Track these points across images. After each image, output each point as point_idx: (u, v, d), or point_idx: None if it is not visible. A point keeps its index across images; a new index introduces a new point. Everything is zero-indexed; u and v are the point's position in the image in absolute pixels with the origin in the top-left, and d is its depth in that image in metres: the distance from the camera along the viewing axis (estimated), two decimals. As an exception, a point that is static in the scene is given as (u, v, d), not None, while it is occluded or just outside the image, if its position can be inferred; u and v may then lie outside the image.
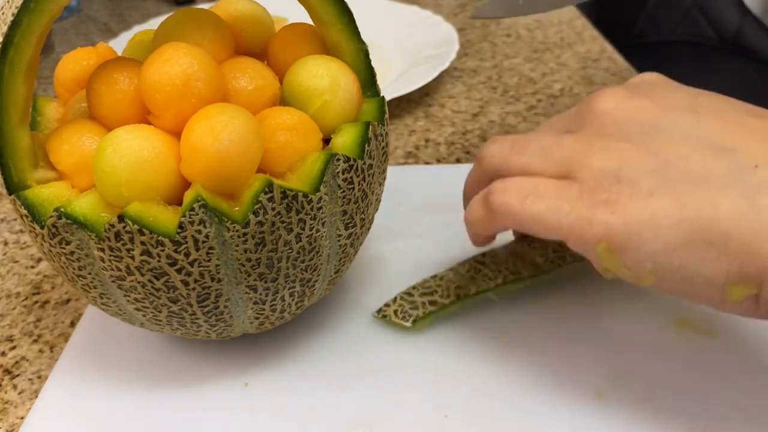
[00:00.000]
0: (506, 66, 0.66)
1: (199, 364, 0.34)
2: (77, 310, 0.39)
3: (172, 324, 0.29)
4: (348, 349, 0.34)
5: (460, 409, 0.31)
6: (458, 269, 0.36)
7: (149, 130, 0.26)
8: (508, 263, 0.35)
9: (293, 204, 0.27)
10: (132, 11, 0.89)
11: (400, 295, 0.35)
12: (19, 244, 0.45)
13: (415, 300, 0.34)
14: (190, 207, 0.25)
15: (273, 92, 0.30)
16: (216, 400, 0.32)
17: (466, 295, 0.34)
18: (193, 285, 0.27)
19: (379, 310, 0.35)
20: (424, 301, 0.34)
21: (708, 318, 0.34)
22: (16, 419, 0.33)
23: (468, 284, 0.35)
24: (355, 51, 0.31)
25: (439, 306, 0.34)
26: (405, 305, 0.34)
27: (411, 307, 0.34)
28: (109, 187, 0.26)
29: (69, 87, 0.32)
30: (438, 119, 0.58)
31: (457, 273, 0.36)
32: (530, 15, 0.41)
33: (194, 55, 0.26)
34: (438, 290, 0.35)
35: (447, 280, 0.35)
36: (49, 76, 0.69)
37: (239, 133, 0.25)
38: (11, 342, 0.37)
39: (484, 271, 0.35)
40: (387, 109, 0.32)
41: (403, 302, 0.35)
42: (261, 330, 0.32)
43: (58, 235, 0.26)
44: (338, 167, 0.28)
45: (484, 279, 0.35)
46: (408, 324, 0.34)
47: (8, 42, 0.25)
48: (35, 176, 0.28)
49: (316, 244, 0.29)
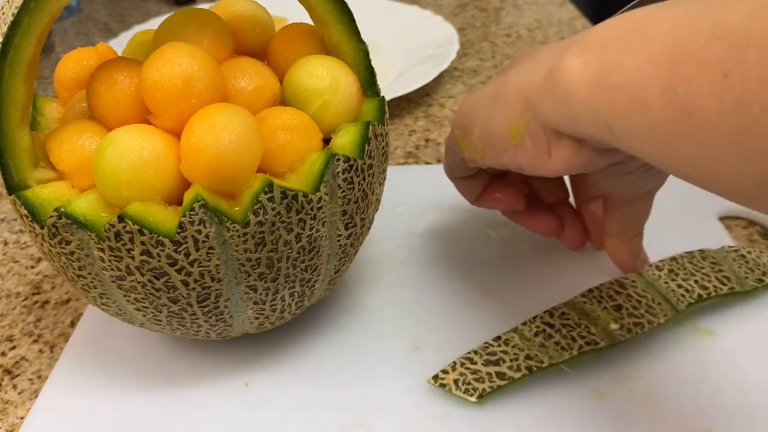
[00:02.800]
0: (506, 66, 0.66)
1: (199, 364, 0.34)
2: (77, 310, 0.39)
3: (172, 324, 0.29)
4: (348, 349, 0.34)
5: (460, 409, 0.31)
6: (524, 332, 0.33)
7: (149, 130, 0.26)
8: (581, 328, 0.32)
9: (293, 204, 0.27)
10: (132, 11, 0.89)
11: (461, 361, 0.31)
12: (19, 244, 0.45)
13: (479, 370, 0.31)
14: (190, 207, 0.25)
15: (273, 92, 0.30)
16: (216, 400, 0.32)
17: (538, 367, 0.31)
18: (193, 285, 0.27)
19: (435, 377, 0.31)
20: (490, 372, 0.31)
21: (708, 318, 0.34)
22: (16, 419, 0.33)
23: (539, 353, 0.31)
24: (355, 51, 0.31)
25: (507, 380, 0.30)
26: (467, 375, 0.31)
27: (475, 378, 0.31)
28: (109, 187, 0.26)
29: (69, 87, 0.32)
30: (438, 119, 0.58)
31: (523, 337, 0.32)
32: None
33: (194, 55, 0.26)
34: (505, 359, 0.31)
35: (513, 346, 0.32)
36: (49, 76, 0.69)
37: (239, 133, 0.25)
38: (11, 342, 0.37)
39: (555, 337, 0.32)
40: (387, 109, 0.32)
41: (465, 371, 0.31)
42: (261, 330, 0.32)
43: (58, 235, 0.26)
44: (338, 167, 0.28)
45: (556, 349, 0.31)
46: (473, 399, 0.30)
47: (8, 42, 0.25)
48: (35, 176, 0.27)
49: (316, 244, 0.29)
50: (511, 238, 0.41)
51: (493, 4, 0.83)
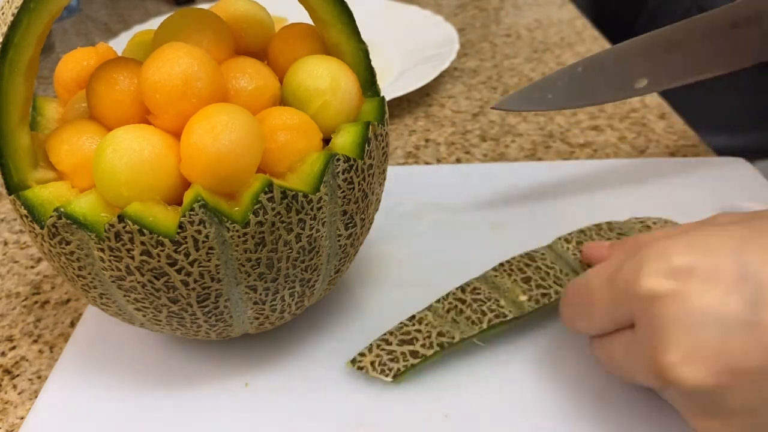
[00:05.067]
0: (506, 66, 0.66)
1: (199, 364, 0.34)
2: (77, 310, 0.39)
3: (172, 324, 0.29)
4: (348, 349, 0.34)
5: (461, 409, 0.31)
6: (437, 309, 0.33)
7: (149, 130, 0.26)
8: (491, 302, 0.33)
9: (293, 204, 0.27)
10: (132, 11, 0.89)
11: (376, 343, 0.32)
12: (19, 244, 0.45)
13: (394, 350, 0.32)
14: (190, 207, 0.25)
15: (273, 92, 0.30)
16: (216, 400, 0.32)
17: (449, 343, 0.32)
18: (193, 285, 0.27)
19: (353, 360, 0.32)
20: (404, 351, 0.32)
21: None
22: (16, 419, 0.33)
23: (451, 329, 0.32)
24: (355, 51, 0.31)
25: (420, 357, 0.31)
26: (383, 356, 0.32)
27: (390, 359, 0.32)
28: (109, 187, 0.26)
29: (69, 87, 0.32)
30: (438, 119, 0.58)
31: (436, 314, 0.33)
32: (558, 110, 0.42)
33: (194, 55, 0.26)
34: (418, 337, 0.32)
35: (426, 323, 0.33)
36: (49, 76, 0.69)
37: (239, 133, 0.25)
38: (11, 342, 0.37)
39: (466, 312, 0.33)
40: (387, 109, 0.32)
41: (381, 352, 0.32)
42: (261, 330, 0.32)
43: (58, 235, 0.26)
44: (338, 167, 0.28)
45: (467, 323, 0.32)
46: (388, 379, 0.31)
47: (8, 42, 0.25)
48: (35, 176, 0.27)
49: (316, 244, 0.29)
50: (511, 238, 0.41)
51: (493, 4, 0.83)
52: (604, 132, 0.54)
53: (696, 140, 0.52)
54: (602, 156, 0.51)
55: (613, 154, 0.51)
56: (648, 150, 0.51)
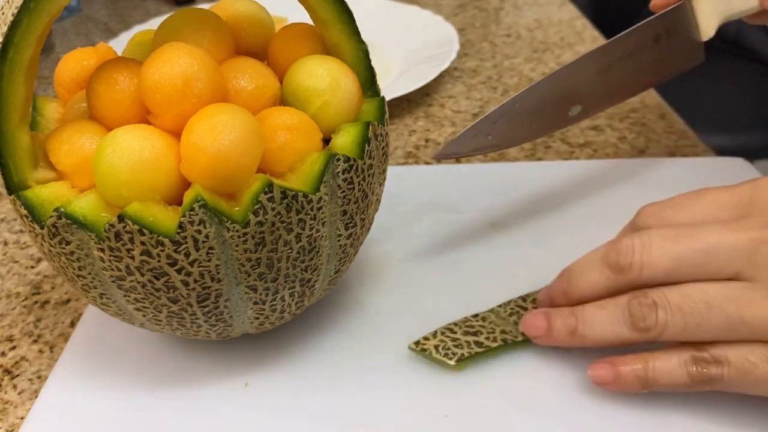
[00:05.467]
0: (506, 66, 0.66)
1: (199, 364, 0.34)
2: (77, 310, 0.39)
3: (172, 324, 0.29)
4: (348, 349, 0.34)
5: (461, 409, 0.31)
6: (499, 312, 0.34)
7: (149, 130, 0.26)
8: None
9: (293, 204, 0.27)
10: (132, 11, 0.89)
11: (441, 330, 0.33)
12: (19, 244, 0.45)
13: (459, 338, 0.33)
14: (190, 207, 0.25)
15: (273, 92, 0.30)
16: (216, 400, 0.32)
17: (513, 341, 0.33)
18: (193, 285, 0.27)
19: (417, 342, 0.33)
20: (469, 340, 0.32)
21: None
22: (16, 419, 0.33)
23: (513, 329, 0.33)
24: (355, 51, 0.31)
25: (485, 348, 0.32)
26: (447, 341, 0.32)
27: (454, 345, 0.32)
28: (109, 187, 0.26)
29: (69, 87, 0.32)
30: (438, 119, 0.58)
31: (499, 316, 0.34)
32: (497, 151, 0.40)
33: (194, 56, 0.26)
34: (482, 331, 0.33)
35: (490, 322, 0.34)
36: (49, 76, 0.69)
37: (239, 133, 0.25)
38: (11, 342, 0.37)
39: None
40: (387, 109, 0.32)
41: (445, 338, 0.33)
42: (261, 330, 0.32)
43: (58, 235, 0.26)
44: (338, 167, 0.28)
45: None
46: (451, 362, 0.32)
47: (8, 42, 0.25)
48: (35, 176, 0.28)
49: (316, 244, 0.29)
50: (511, 238, 0.41)
51: (493, 4, 0.83)
52: (604, 132, 0.54)
53: (696, 140, 0.52)
54: (602, 156, 0.51)
55: (613, 154, 0.51)
56: (648, 150, 0.51)
